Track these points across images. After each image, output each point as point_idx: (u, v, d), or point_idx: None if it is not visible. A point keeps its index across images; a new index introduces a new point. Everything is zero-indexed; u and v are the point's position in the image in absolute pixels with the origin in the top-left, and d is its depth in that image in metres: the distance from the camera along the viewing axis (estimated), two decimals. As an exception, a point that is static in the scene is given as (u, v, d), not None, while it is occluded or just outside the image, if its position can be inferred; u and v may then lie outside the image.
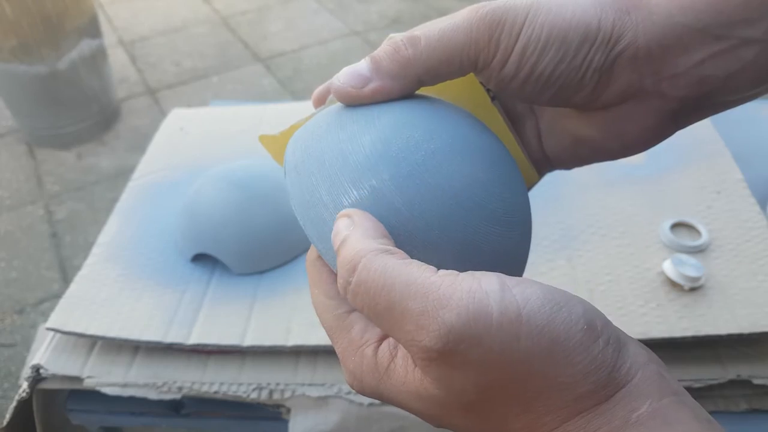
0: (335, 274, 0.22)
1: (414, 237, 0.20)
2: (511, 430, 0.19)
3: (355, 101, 0.24)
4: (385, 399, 0.21)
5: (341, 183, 0.20)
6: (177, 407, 0.47)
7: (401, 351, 0.21)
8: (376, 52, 0.24)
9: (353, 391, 0.43)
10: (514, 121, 0.28)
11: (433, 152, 0.21)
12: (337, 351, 0.23)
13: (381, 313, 0.19)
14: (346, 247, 0.20)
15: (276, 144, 0.28)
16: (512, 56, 0.23)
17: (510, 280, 0.19)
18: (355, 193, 0.20)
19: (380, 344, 0.21)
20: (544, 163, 0.28)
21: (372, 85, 0.24)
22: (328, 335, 0.23)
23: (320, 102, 0.27)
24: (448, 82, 0.25)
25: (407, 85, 0.24)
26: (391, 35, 0.25)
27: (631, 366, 0.20)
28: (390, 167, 0.20)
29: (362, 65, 0.24)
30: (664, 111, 0.24)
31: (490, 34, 0.23)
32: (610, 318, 0.42)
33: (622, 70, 0.24)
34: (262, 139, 0.28)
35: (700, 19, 0.22)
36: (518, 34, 0.23)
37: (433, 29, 0.24)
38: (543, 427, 0.19)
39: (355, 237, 0.20)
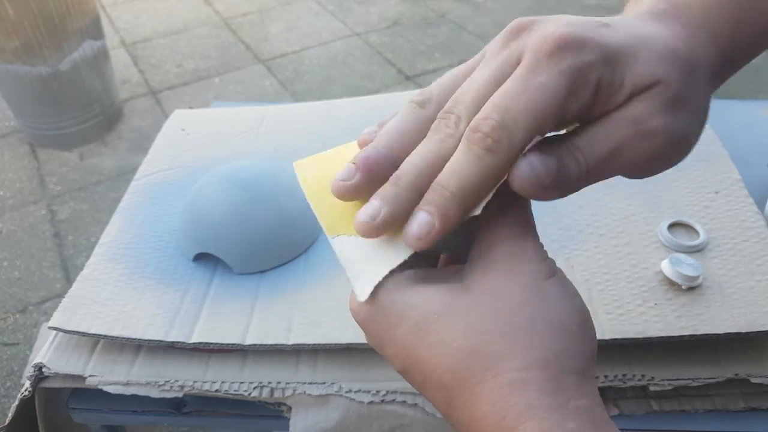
0: None
1: None
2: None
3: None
4: (381, 317, 0.26)
5: None
6: (179, 405, 0.47)
7: None
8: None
9: (353, 389, 0.44)
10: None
11: None
12: None
13: None
14: None
15: (310, 166, 0.29)
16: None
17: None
18: None
19: None
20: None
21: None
22: None
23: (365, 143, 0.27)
24: None
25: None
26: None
27: None
28: None
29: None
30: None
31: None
32: (608, 317, 0.44)
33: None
34: (298, 166, 0.30)
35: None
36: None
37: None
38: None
39: None
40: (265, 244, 0.51)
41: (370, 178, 0.26)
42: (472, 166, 0.23)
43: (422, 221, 0.24)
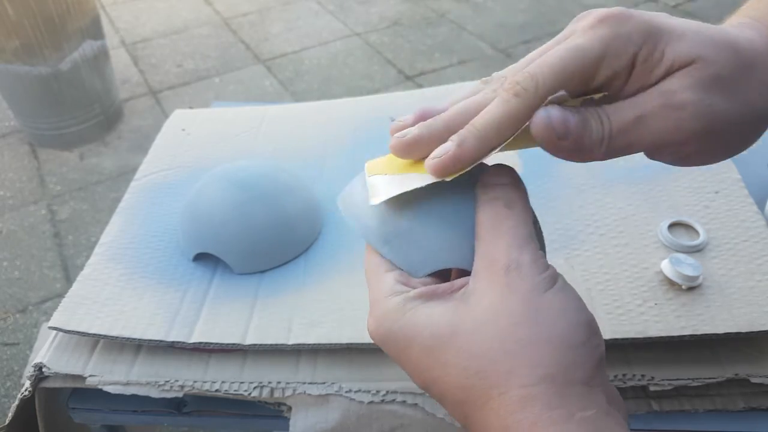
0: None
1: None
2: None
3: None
4: (394, 340, 0.26)
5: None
6: (179, 405, 0.47)
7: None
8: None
9: (353, 389, 0.44)
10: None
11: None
12: (369, 297, 0.28)
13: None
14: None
15: (382, 166, 0.30)
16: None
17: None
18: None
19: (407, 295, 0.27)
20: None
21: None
22: (368, 283, 0.29)
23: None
24: None
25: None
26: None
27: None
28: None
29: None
30: None
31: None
32: (608, 317, 0.43)
33: None
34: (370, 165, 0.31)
35: None
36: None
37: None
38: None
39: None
40: (265, 244, 0.51)
41: (422, 117, 0.28)
42: (498, 107, 0.25)
43: (443, 147, 0.26)
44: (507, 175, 0.28)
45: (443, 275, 0.29)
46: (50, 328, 0.47)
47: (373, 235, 0.29)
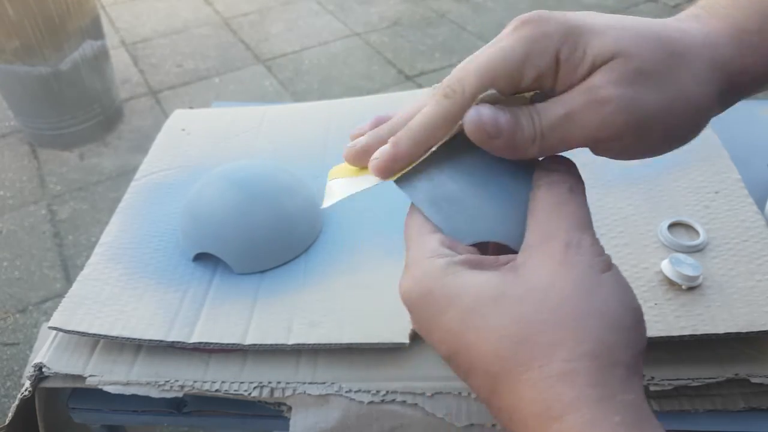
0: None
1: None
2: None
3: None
4: (431, 301, 0.26)
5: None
6: (179, 405, 0.47)
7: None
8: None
9: (353, 389, 0.44)
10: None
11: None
12: (408, 257, 0.28)
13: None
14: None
15: (343, 170, 0.32)
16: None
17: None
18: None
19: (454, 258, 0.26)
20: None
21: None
22: (407, 243, 0.29)
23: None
24: None
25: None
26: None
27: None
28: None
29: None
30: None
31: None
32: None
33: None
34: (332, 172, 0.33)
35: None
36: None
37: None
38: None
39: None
40: (265, 244, 0.51)
41: (376, 125, 0.30)
42: (430, 109, 0.27)
43: (382, 149, 0.28)
44: (569, 163, 0.28)
45: (481, 249, 0.29)
46: (50, 328, 0.47)
47: (420, 196, 0.29)
